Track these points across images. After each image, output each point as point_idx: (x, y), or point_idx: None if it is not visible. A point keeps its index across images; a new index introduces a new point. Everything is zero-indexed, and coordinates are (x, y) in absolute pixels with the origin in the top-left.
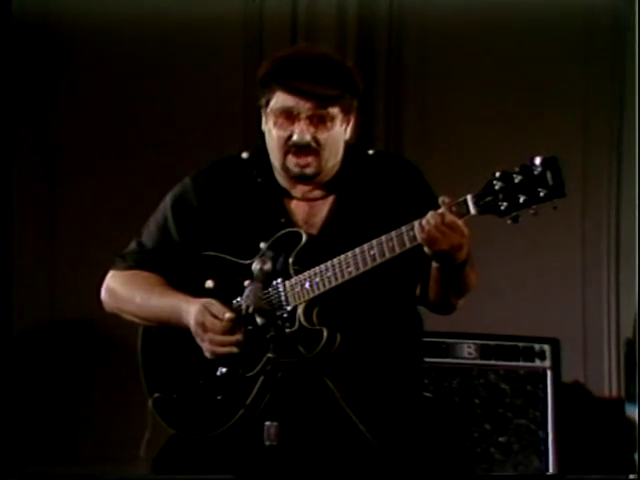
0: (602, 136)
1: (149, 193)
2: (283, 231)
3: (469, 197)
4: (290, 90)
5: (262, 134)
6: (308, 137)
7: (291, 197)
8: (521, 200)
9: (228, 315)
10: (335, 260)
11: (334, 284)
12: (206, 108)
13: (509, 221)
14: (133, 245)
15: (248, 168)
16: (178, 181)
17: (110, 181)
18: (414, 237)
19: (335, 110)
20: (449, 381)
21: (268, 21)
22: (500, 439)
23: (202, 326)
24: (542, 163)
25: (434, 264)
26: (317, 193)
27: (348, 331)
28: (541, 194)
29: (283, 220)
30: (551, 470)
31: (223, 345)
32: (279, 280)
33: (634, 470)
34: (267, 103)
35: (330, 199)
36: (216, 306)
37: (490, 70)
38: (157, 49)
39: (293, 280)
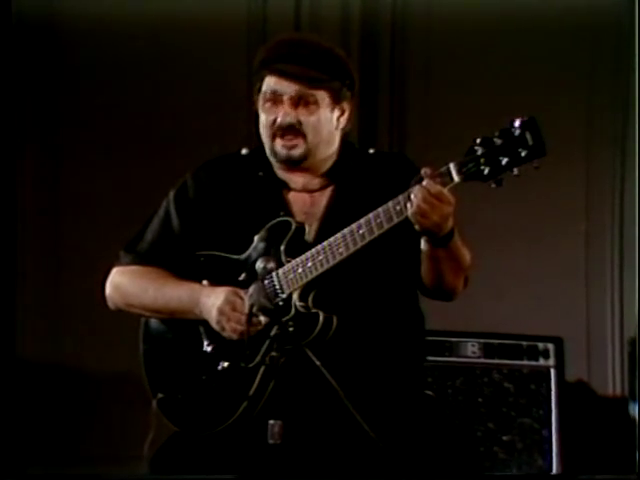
0: (606, 134)
1: (152, 192)
2: (273, 221)
3: (452, 165)
4: (275, 72)
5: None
6: (290, 119)
7: (290, 189)
8: (503, 162)
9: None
10: (325, 243)
11: (326, 267)
12: (209, 105)
13: (493, 185)
14: (136, 240)
15: (248, 163)
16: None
17: (113, 179)
18: (401, 211)
19: (321, 94)
20: (453, 380)
21: (271, 19)
22: (504, 438)
23: (232, 305)
24: (521, 125)
25: (424, 243)
26: (315, 183)
27: (345, 315)
28: (522, 154)
29: (282, 213)
30: (555, 469)
31: (242, 326)
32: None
33: (634, 470)
34: (258, 91)
35: (329, 190)
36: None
37: (494, 66)
38: (160, 47)
39: (286, 267)
